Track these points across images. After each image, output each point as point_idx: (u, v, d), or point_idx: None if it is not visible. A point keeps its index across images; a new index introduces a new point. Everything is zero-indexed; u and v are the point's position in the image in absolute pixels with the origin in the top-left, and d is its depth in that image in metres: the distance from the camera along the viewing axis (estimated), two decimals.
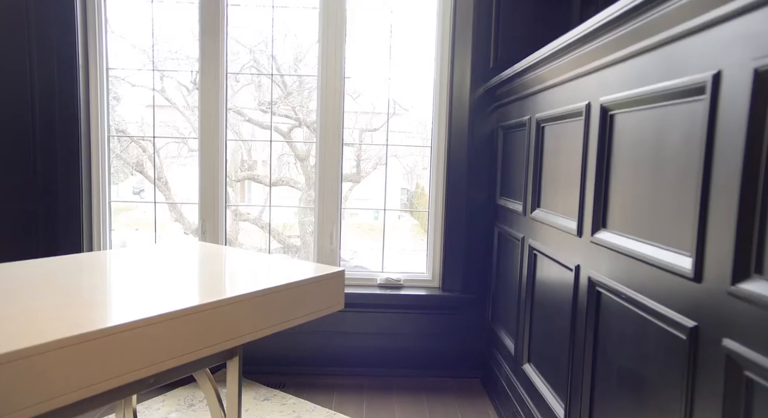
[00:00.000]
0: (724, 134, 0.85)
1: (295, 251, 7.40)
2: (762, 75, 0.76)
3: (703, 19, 0.88)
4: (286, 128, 7.49)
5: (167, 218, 8.10)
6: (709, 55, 0.88)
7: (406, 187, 9.60)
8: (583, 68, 1.39)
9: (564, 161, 1.55)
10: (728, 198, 0.83)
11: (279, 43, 4.60)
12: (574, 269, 1.42)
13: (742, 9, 0.80)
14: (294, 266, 1.52)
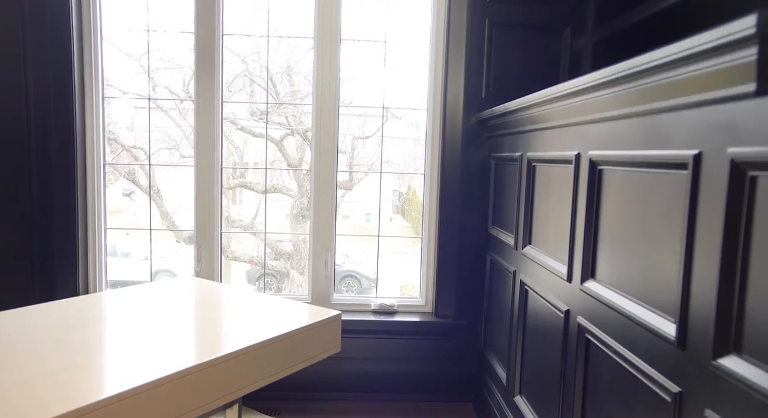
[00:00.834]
0: (705, 210, 0.89)
1: (287, 257, 7.38)
2: (738, 165, 0.81)
3: (685, 100, 0.93)
4: (279, 136, 7.49)
5: (159, 225, 8.03)
6: (691, 134, 0.92)
7: (398, 189, 9.67)
8: (572, 119, 1.44)
9: (554, 203, 1.60)
10: (709, 271, 0.87)
11: (272, 53, 4.63)
12: (564, 313, 1.46)
13: (720, 98, 0.84)
14: (289, 309, 1.55)
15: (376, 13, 2.60)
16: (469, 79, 2.40)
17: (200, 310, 1.55)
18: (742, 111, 0.80)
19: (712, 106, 0.87)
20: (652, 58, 0.96)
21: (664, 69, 0.95)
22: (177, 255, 8.51)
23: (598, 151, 1.29)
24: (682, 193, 0.95)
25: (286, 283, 7.22)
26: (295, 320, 1.42)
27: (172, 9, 2.56)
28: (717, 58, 0.81)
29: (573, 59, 2.38)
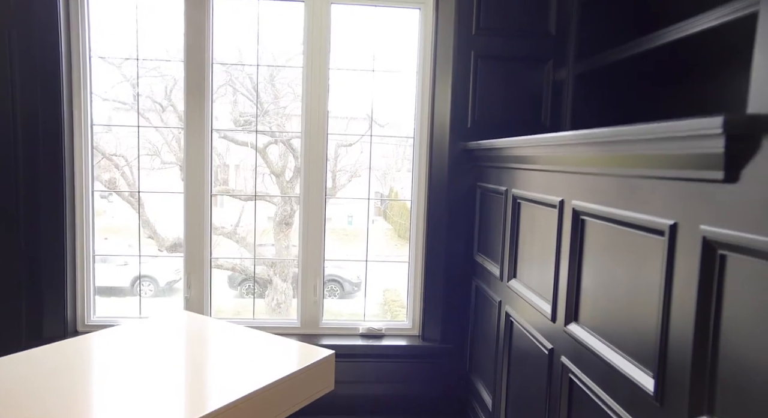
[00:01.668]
0: (680, 275, 0.96)
1: (270, 265, 7.35)
2: (709, 243, 0.88)
3: (662, 173, 1.00)
4: (262, 144, 7.49)
5: (142, 235, 7.94)
6: (669, 204, 1.00)
7: (381, 191, 9.71)
8: (557, 167, 1.50)
9: (539, 241, 1.66)
10: (685, 334, 0.94)
11: (254, 64, 4.62)
12: (549, 351, 1.53)
13: (693, 178, 0.91)
14: (282, 349, 1.58)
15: (365, 44, 2.65)
16: (455, 109, 2.47)
17: (191, 355, 1.55)
18: (713, 193, 0.87)
19: (687, 182, 0.94)
20: (629, 132, 1.03)
21: (642, 143, 1.02)
22: (157, 260, 8.42)
23: (581, 202, 1.36)
24: (659, 256, 1.02)
25: (269, 290, 7.20)
26: (288, 363, 1.45)
27: (155, 16, 2.55)
28: (690, 143, 0.88)
29: (555, 91, 2.46)
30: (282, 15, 2.64)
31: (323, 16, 2.47)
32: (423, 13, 2.51)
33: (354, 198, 5.40)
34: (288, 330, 2.60)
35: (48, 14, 2.27)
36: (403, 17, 2.60)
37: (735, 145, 0.80)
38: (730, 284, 0.86)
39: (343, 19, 2.57)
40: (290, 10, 2.55)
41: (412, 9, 2.53)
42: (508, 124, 2.46)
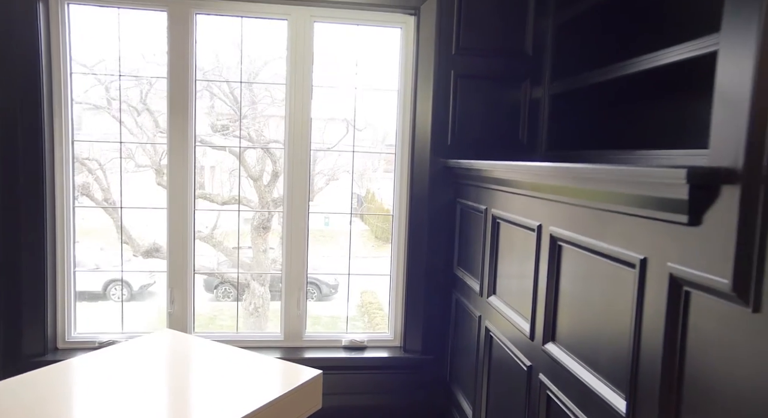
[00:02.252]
0: (650, 305, 1.04)
1: (247, 268, 7.32)
2: (675, 279, 0.96)
3: (634, 211, 1.07)
4: (239, 149, 7.41)
5: (115, 238, 7.81)
6: (640, 239, 1.07)
7: (358, 192, 9.75)
8: (535, 193, 1.58)
9: (518, 261, 1.74)
10: (655, 361, 1.02)
11: (233, 67, 4.68)
12: (528, 367, 1.60)
13: (662, 218, 0.99)
14: (268, 369, 1.61)
15: (348, 62, 2.70)
16: (435, 126, 2.53)
17: (175, 380, 1.54)
18: (679, 234, 0.95)
19: (656, 221, 1.02)
20: (602, 172, 1.11)
21: (614, 183, 1.09)
22: (130, 264, 8.26)
23: (558, 229, 1.43)
24: (631, 286, 1.10)
25: (246, 294, 7.18)
26: (276, 385, 1.49)
27: (132, 22, 2.53)
28: (658, 188, 0.96)
29: (531, 109, 2.55)
30: (261, 23, 2.66)
31: (306, 33, 2.50)
32: (404, 32, 2.57)
33: (338, 213, 5.42)
34: (271, 343, 2.63)
35: (28, 26, 2.26)
36: (385, 34, 2.65)
37: (697, 193, 0.88)
38: (693, 316, 0.94)
39: (326, 35, 2.61)
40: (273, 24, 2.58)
41: (394, 28, 2.59)
42: (487, 141, 2.54)
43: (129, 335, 2.56)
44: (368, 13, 2.52)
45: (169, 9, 2.39)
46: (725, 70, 0.91)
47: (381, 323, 7.60)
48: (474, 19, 2.49)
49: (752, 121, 0.84)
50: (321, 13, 2.49)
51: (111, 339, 2.51)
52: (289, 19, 2.48)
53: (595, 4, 2.08)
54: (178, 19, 2.40)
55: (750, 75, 0.85)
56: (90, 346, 2.51)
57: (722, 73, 0.92)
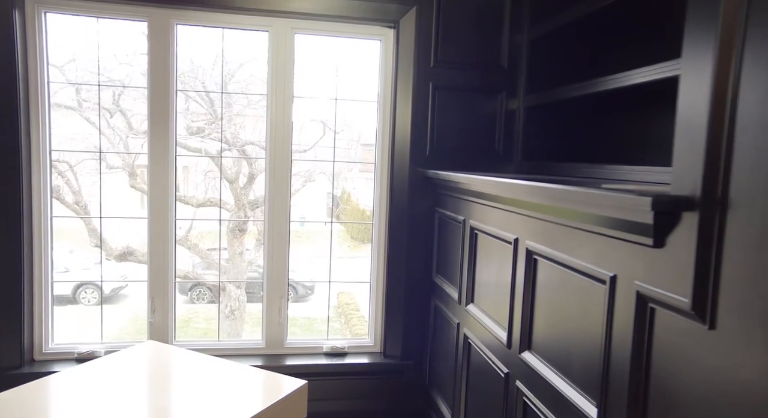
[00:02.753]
0: (619, 320, 1.12)
1: (224, 271, 7.27)
2: (641, 296, 1.03)
3: (605, 231, 1.15)
4: (216, 151, 7.40)
5: (86, 242, 7.67)
6: (610, 257, 1.15)
7: (333, 191, 9.73)
8: (511, 208, 1.65)
9: (496, 271, 1.81)
10: (623, 372, 1.10)
11: (209, 69, 4.64)
12: (505, 374, 1.67)
13: (630, 240, 1.07)
14: (253, 380, 1.64)
15: (328, 75, 2.74)
16: (414, 136, 2.59)
17: (159, 393, 1.53)
18: (645, 255, 1.03)
19: (624, 242, 1.10)
20: (573, 194, 1.18)
21: (587, 205, 1.17)
22: (102, 267, 8.08)
23: (534, 243, 1.51)
24: (601, 301, 1.18)
25: (222, 296, 7.14)
26: (262, 397, 1.52)
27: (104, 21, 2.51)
28: (626, 212, 1.04)
29: (507, 120, 2.63)
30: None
31: (287, 44, 2.53)
32: (384, 45, 2.63)
33: (310, 219, 5.45)
34: (253, 351, 2.65)
35: (4, 34, 2.23)
36: (365, 45, 2.70)
37: (661, 219, 0.96)
38: (658, 330, 1.02)
39: (307, 44, 2.65)
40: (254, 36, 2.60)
41: (373, 40, 2.64)
42: (464, 151, 2.61)
43: (108, 345, 2.55)
44: (348, 25, 2.56)
45: (149, 19, 2.39)
46: (685, 99, 0.99)
47: (358, 324, 7.64)
48: (451, 33, 2.56)
49: (708, 152, 0.92)
50: (301, 25, 2.53)
51: (90, 350, 2.49)
52: (271, 30, 2.51)
53: (566, 23, 2.17)
54: (158, 29, 2.41)
55: (706, 107, 0.93)
56: (68, 357, 2.50)
57: (683, 102, 1.00)
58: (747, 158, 0.86)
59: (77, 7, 2.35)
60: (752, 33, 0.86)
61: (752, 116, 0.85)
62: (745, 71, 0.87)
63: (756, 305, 0.82)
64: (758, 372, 0.81)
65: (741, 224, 0.86)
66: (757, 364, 0.81)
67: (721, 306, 0.88)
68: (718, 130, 0.91)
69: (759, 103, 0.84)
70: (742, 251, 0.85)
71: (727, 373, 0.86)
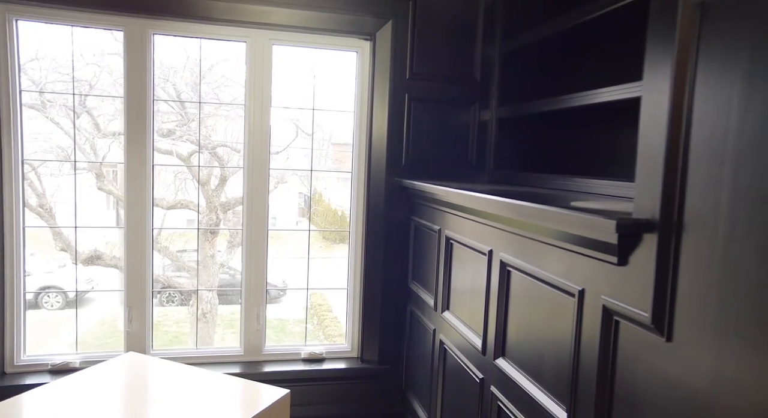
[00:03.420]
0: (587, 332, 1.20)
1: (194, 274, 7.20)
2: (607, 310, 1.12)
3: (573, 248, 1.23)
4: (186, 153, 7.32)
5: (49, 245, 7.48)
6: (579, 273, 1.24)
7: (304, 191, 9.76)
8: (486, 221, 1.73)
9: (471, 280, 1.89)
10: (590, 378, 1.18)
11: (179, 69, 4.60)
12: (480, 380, 1.75)
13: (597, 258, 1.15)
14: (235, 391, 1.68)
15: (305, 80, 2.78)
16: (391, 147, 2.65)
17: (142, 407, 1.57)
18: (610, 271, 1.12)
19: (592, 259, 1.18)
20: (544, 213, 1.26)
21: (557, 222, 1.25)
22: (65, 270, 7.91)
23: (507, 256, 1.59)
24: (571, 312, 1.26)
25: (193, 300, 7.06)
26: (246, 407, 1.56)
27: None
28: (593, 232, 1.12)
29: (480, 131, 2.72)
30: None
31: (265, 55, 2.56)
32: (360, 57, 2.68)
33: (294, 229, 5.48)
34: (231, 358, 2.67)
35: None
36: (343, 56, 2.76)
37: (624, 240, 1.05)
38: (622, 341, 1.10)
39: (285, 53, 2.68)
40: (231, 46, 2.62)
41: (350, 52, 2.69)
42: (439, 161, 2.69)
43: (83, 355, 2.53)
44: (325, 37, 2.61)
45: (125, 29, 2.39)
46: (645, 128, 1.07)
47: (331, 325, 7.67)
48: (426, 47, 2.63)
49: (665, 179, 1.01)
50: (279, 37, 2.56)
51: (65, 361, 2.47)
52: (248, 41, 2.53)
53: (535, 40, 2.27)
54: (135, 39, 2.40)
55: (664, 138, 1.02)
56: (41, 369, 2.47)
57: (643, 130, 1.08)
58: (698, 185, 0.95)
59: (51, 16, 2.33)
60: (702, 68, 0.95)
61: (703, 146, 0.94)
62: (696, 105, 0.96)
63: (706, 319, 0.91)
64: (707, 380, 0.90)
65: (693, 245, 0.95)
66: (707, 372, 0.91)
67: (677, 320, 0.97)
68: (674, 158, 1.00)
69: (708, 137, 0.93)
70: (694, 270, 0.94)
71: (681, 380, 0.95)
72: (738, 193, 0.88)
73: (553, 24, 2.09)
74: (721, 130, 0.91)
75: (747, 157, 0.86)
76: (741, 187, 0.87)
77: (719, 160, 0.91)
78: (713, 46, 0.94)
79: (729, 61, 0.91)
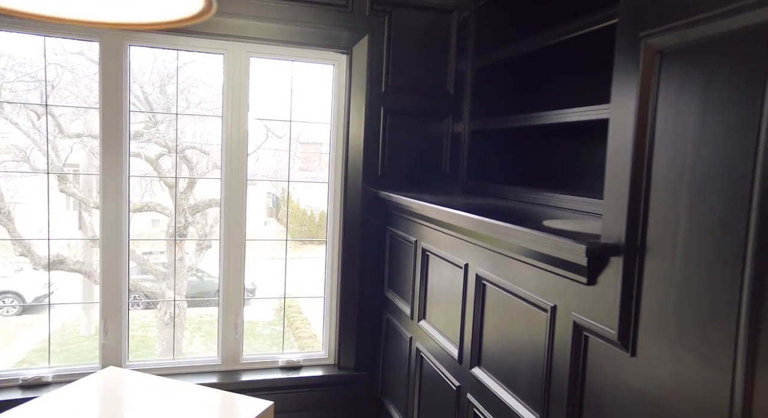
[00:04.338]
0: (559, 345, 1.29)
1: (163, 277, 7.10)
2: (577, 325, 1.21)
3: (544, 266, 1.32)
4: (154, 155, 7.20)
5: (8, 250, 7.25)
6: (551, 290, 1.33)
7: (273, 191, 9.73)
8: (461, 235, 1.81)
9: (447, 291, 1.97)
10: (561, 391, 1.27)
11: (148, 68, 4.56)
12: (456, 388, 1.83)
13: (567, 277, 1.24)
14: (219, 404, 1.71)
15: (282, 94, 2.82)
16: (367, 158, 2.71)
17: None
18: (580, 290, 1.21)
19: (563, 278, 1.27)
20: (518, 232, 1.35)
21: (530, 242, 1.34)
22: (22, 274, 7.69)
23: (483, 270, 1.67)
24: (543, 326, 1.35)
25: (161, 303, 6.98)
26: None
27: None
28: (565, 253, 1.21)
29: (453, 142, 2.81)
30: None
31: (242, 67, 2.58)
32: (337, 69, 2.73)
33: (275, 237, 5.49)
34: (209, 368, 2.68)
35: None
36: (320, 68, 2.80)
37: (594, 262, 1.14)
38: (591, 354, 1.20)
39: (262, 64, 2.71)
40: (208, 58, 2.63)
41: (327, 65, 2.74)
42: (414, 171, 2.77)
43: (56, 369, 2.50)
44: (303, 50, 2.65)
45: (101, 40, 2.37)
46: (612, 156, 1.17)
47: (302, 327, 7.67)
48: (401, 61, 2.70)
49: (630, 207, 1.10)
50: (256, 49, 2.59)
51: (37, 375, 2.44)
52: (226, 53, 2.55)
53: (505, 58, 2.37)
54: (111, 50, 2.39)
55: (629, 167, 1.12)
56: (12, 385, 2.42)
57: (610, 159, 1.18)
58: (659, 213, 1.05)
59: (22, 26, 2.29)
60: (662, 106, 1.05)
61: (663, 179, 1.04)
62: (657, 142, 1.06)
63: (666, 336, 1.01)
64: (666, 391, 1.00)
65: (655, 268, 1.05)
66: (666, 385, 1.00)
67: (640, 337, 1.06)
68: (637, 189, 1.10)
69: (667, 170, 1.03)
70: (655, 291, 1.04)
71: (644, 392, 1.05)
72: (693, 222, 0.98)
73: (523, 44, 2.19)
74: (678, 165, 1.01)
75: (701, 190, 0.96)
76: (696, 217, 0.97)
77: (677, 192, 1.01)
78: (671, 88, 1.03)
79: (684, 102, 1.00)
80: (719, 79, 0.94)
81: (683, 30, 0.99)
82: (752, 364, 0.87)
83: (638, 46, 1.08)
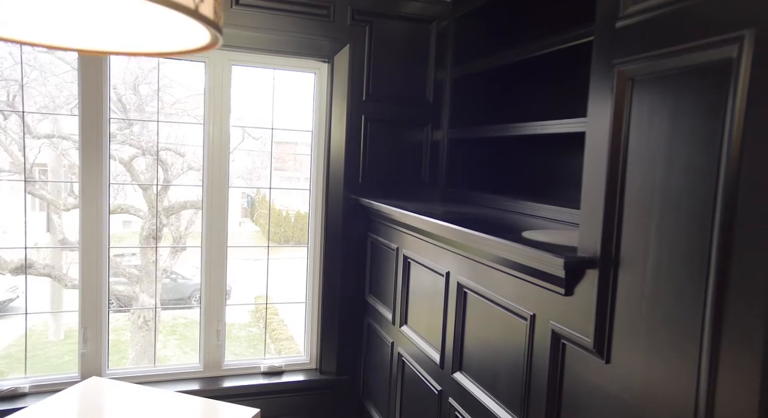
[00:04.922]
0: (538, 353, 1.36)
1: (136, 280, 7.01)
2: (556, 334, 1.28)
3: (524, 276, 1.39)
4: (128, 157, 7.10)
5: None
6: (530, 299, 1.39)
7: (249, 192, 9.64)
8: (443, 244, 1.87)
9: (429, 298, 2.03)
10: (540, 396, 1.34)
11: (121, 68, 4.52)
12: (438, 392, 1.89)
13: (545, 287, 1.31)
14: (209, 412, 1.73)
15: (263, 99, 2.83)
16: (348, 165, 2.76)
17: None
18: (558, 300, 1.28)
19: (542, 288, 1.34)
20: (497, 243, 1.41)
21: (509, 254, 1.40)
22: None
23: (464, 278, 1.74)
24: (523, 334, 1.42)
25: (135, 306, 6.88)
26: None
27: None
28: (545, 265, 1.28)
29: (433, 150, 2.87)
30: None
31: (224, 75, 2.59)
32: (318, 78, 2.77)
33: None
34: (191, 374, 2.69)
35: None
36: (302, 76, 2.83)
37: (571, 274, 1.21)
38: (568, 361, 1.27)
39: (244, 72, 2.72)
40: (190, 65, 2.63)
41: (308, 73, 2.77)
42: (394, 178, 2.82)
43: (33, 379, 2.47)
44: (284, 58, 2.67)
45: None
46: (587, 175, 1.24)
47: (278, 328, 7.65)
48: (382, 70, 2.75)
49: (605, 222, 1.17)
50: (238, 57, 2.60)
51: (13, 386, 2.40)
52: (208, 61, 2.55)
53: (483, 69, 2.44)
54: (90, 58, 2.37)
55: (603, 184, 1.19)
56: None
57: (585, 177, 1.25)
58: (631, 229, 1.12)
59: None
60: (634, 129, 1.12)
61: (635, 198, 1.12)
62: (630, 164, 1.14)
63: (636, 344, 1.08)
64: (638, 395, 1.08)
65: (627, 279, 1.12)
66: (637, 389, 1.08)
67: (614, 345, 1.14)
68: (611, 206, 1.17)
69: (638, 190, 1.11)
70: (627, 302, 1.11)
71: (618, 396, 1.12)
72: (662, 236, 1.05)
73: (500, 57, 2.26)
74: (649, 183, 1.09)
75: (669, 206, 1.04)
76: (664, 231, 1.05)
77: (648, 207, 1.09)
78: (642, 111, 1.11)
79: (654, 124, 1.08)
80: (685, 105, 1.01)
81: (652, 61, 1.07)
82: (714, 368, 0.95)
83: (612, 73, 1.15)
